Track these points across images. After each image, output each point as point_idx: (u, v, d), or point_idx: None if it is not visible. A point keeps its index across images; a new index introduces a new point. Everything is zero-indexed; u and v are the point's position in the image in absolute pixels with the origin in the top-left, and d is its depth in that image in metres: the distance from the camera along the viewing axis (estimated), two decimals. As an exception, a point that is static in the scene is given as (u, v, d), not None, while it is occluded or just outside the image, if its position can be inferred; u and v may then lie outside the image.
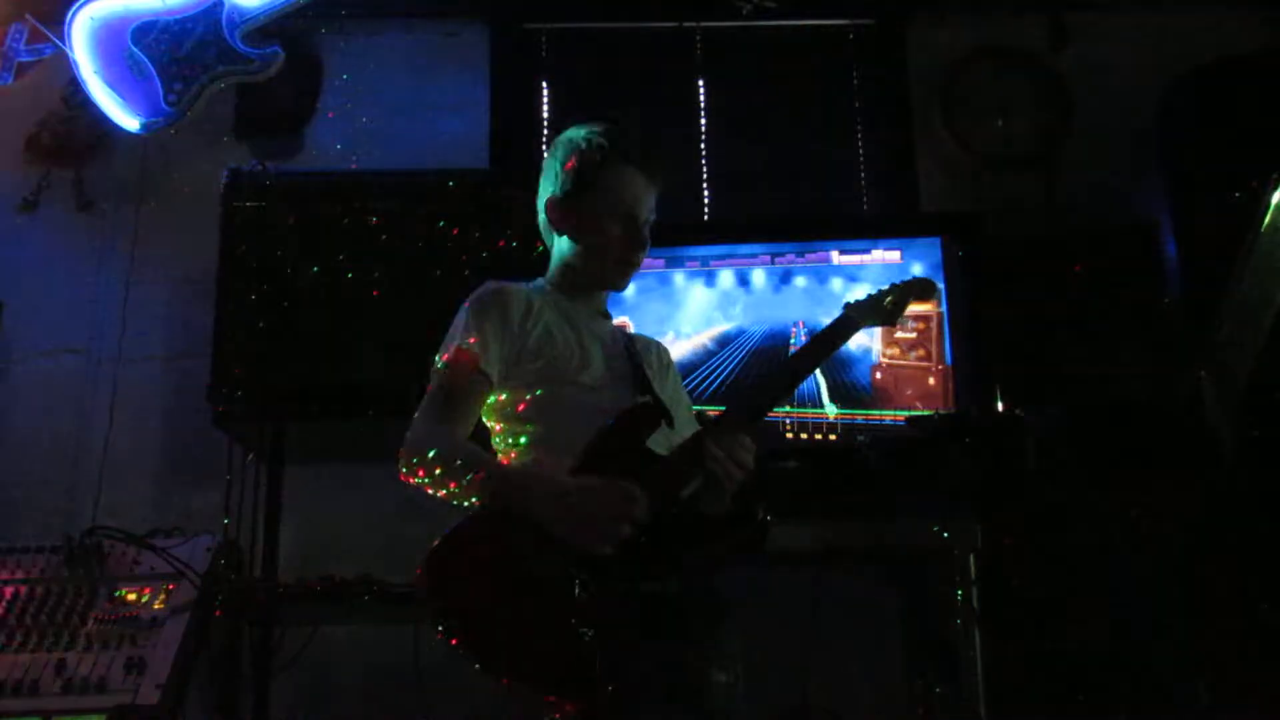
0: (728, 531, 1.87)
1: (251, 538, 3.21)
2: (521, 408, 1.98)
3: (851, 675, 3.13)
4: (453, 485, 1.83)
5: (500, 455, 2.03)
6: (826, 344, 2.10)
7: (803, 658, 2.94)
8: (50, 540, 2.83)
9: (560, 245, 2.13)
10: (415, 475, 1.86)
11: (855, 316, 2.12)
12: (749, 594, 3.01)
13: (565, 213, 2.09)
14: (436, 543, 1.78)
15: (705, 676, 1.86)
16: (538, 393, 1.97)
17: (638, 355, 2.12)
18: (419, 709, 2.96)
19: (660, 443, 1.96)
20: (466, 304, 2.02)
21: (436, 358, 1.99)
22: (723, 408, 2.00)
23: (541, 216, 2.15)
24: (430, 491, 1.86)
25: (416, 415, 1.94)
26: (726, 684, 1.89)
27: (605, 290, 2.18)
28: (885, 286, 2.21)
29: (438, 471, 1.83)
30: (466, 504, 1.84)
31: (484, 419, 2.04)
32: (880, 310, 2.17)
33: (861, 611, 3.20)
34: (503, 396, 2.00)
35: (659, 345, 2.28)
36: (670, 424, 2.01)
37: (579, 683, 1.67)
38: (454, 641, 1.69)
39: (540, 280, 2.16)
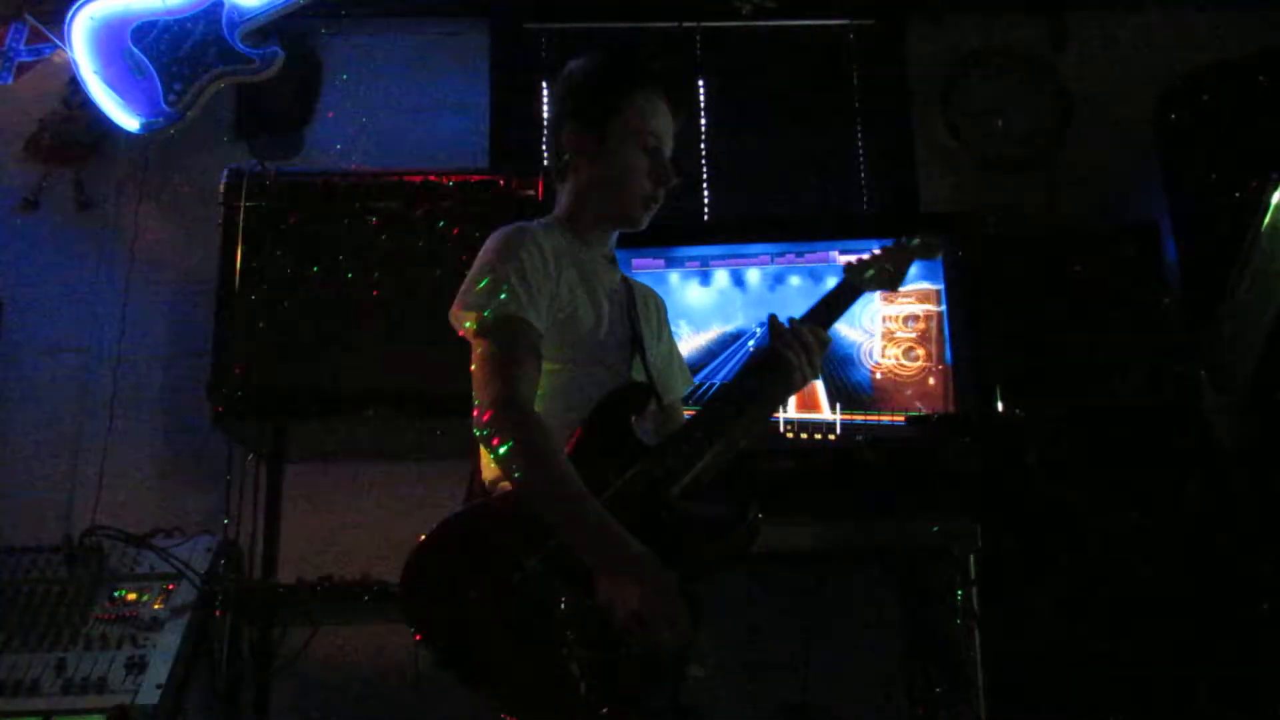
0: (718, 533, 1.79)
1: (251, 538, 3.22)
2: (542, 381, 1.85)
3: (851, 675, 3.12)
4: (524, 483, 1.71)
5: None
6: (824, 318, 2.00)
7: (803, 657, 2.95)
8: (50, 540, 2.83)
9: (577, 180, 2.00)
10: (499, 451, 1.71)
11: (857, 283, 2.03)
12: (749, 594, 3.02)
13: (585, 141, 1.96)
14: (416, 546, 1.71)
15: (681, 674, 1.79)
16: (556, 369, 1.87)
17: (637, 316, 2.03)
18: (419, 709, 2.96)
19: (649, 422, 1.93)
20: (504, 249, 1.85)
21: (481, 290, 1.82)
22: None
23: (552, 151, 2.02)
24: (494, 460, 1.74)
25: (486, 380, 1.77)
26: (700, 679, 1.85)
27: (621, 229, 2.04)
28: (887, 246, 2.10)
29: (522, 465, 1.70)
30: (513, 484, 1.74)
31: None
32: (882, 275, 2.07)
33: (861, 611, 3.20)
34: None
35: (656, 298, 2.18)
36: (659, 403, 1.97)
37: (555, 698, 1.62)
38: (428, 646, 1.65)
39: (548, 219, 2.02)
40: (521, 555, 1.69)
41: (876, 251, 2.11)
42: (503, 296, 1.81)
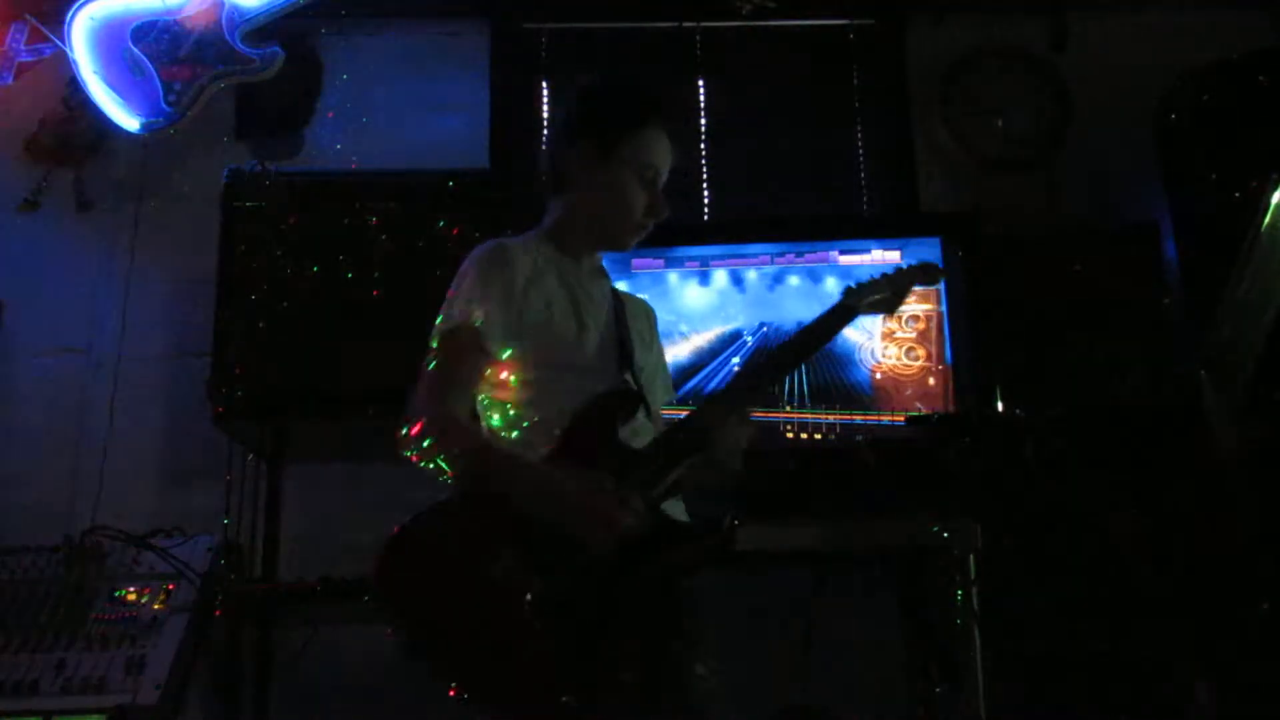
0: (694, 537, 1.83)
1: (251, 538, 3.22)
2: (516, 388, 1.93)
3: (851, 675, 3.12)
4: (452, 469, 1.81)
5: (488, 426, 1.99)
6: (820, 335, 2.06)
7: (803, 658, 2.94)
8: (50, 540, 2.83)
9: (572, 197, 2.05)
10: (411, 452, 1.84)
11: (854, 305, 2.08)
12: (749, 594, 3.02)
13: (589, 167, 2.01)
14: (388, 539, 1.77)
15: (680, 673, 1.82)
16: (533, 376, 1.92)
17: (626, 327, 2.07)
18: (418, 709, 2.96)
19: (636, 429, 1.94)
20: (469, 264, 1.95)
21: (439, 319, 1.93)
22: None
23: (549, 162, 2.08)
24: (427, 467, 1.84)
25: (419, 388, 1.89)
26: (705, 677, 1.86)
27: (607, 250, 2.12)
28: (888, 272, 2.15)
29: (440, 453, 1.81)
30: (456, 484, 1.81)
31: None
32: (881, 300, 2.12)
33: (861, 611, 3.20)
34: (499, 368, 1.95)
35: (647, 309, 2.23)
36: (648, 411, 1.99)
37: (524, 692, 1.65)
38: (402, 642, 1.70)
39: (534, 232, 2.08)
40: (496, 546, 1.73)
41: (877, 278, 2.15)
42: (457, 309, 1.89)
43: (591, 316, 2.01)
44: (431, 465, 1.81)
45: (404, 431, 1.84)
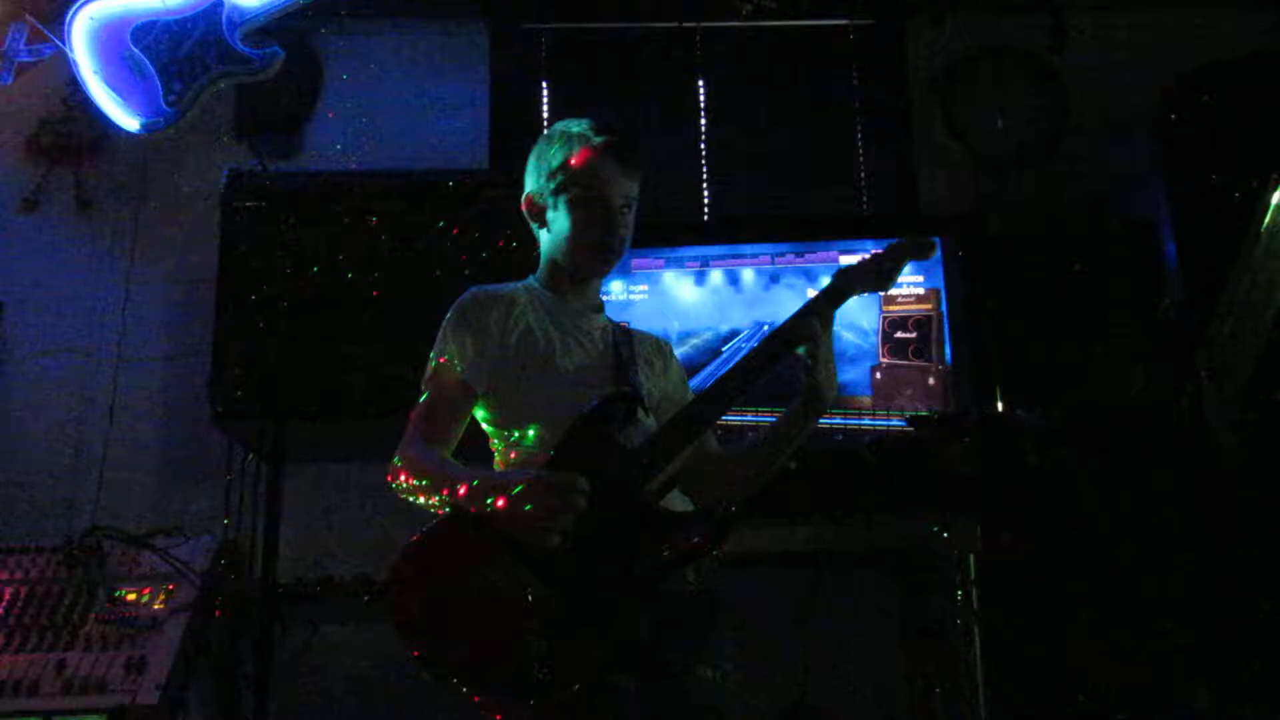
0: (688, 527, 1.83)
1: (251, 538, 3.22)
2: (513, 414, 1.99)
3: (851, 675, 3.13)
4: (427, 499, 1.88)
5: (499, 464, 2.04)
6: (811, 316, 2.02)
7: (803, 658, 2.95)
8: (50, 540, 2.83)
9: (542, 240, 2.14)
10: (400, 488, 1.92)
11: (844, 286, 2.04)
12: (749, 594, 3.02)
13: (540, 206, 2.11)
14: (403, 549, 1.81)
15: (682, 674, 1.83)
16: (527, 397, 1.97)
17: (625, 349, 2.10)
18: (418, 709, 2.96)
19: (637, 435, 1.95)
20: (449, 314, 2.05)
21: (427, 369, 2.03)
22: None
23: (527, 214, 2.16)
24: (415, 502, 1.91)
25: (405, 431, 1.98)
26: (714, 680, 1.86)
27: (588, 279, 2.14)
28: (879, 250, 2.11)
29: (413, 487, 1.89)
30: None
31: (484, 427, 2.05)
32: (873, 277, 2.07)
33: (861, 611, 3.20)
34: (494, 407, 2.01)
35: (658, 339, 2.24)
36: (647, 413, 2.00)
37: (525, 693, 1.67)
38: (414, 653, 1.73)
39: (531, 278, 2.16)
40: (501, 551, 1.74)
41: (870, 255, 2.12)
42: (436, 354, 2.01)
43: (579, 342, 2.06)
44: (413, 499, 1.90)
45: (391, 473, 1.93)
